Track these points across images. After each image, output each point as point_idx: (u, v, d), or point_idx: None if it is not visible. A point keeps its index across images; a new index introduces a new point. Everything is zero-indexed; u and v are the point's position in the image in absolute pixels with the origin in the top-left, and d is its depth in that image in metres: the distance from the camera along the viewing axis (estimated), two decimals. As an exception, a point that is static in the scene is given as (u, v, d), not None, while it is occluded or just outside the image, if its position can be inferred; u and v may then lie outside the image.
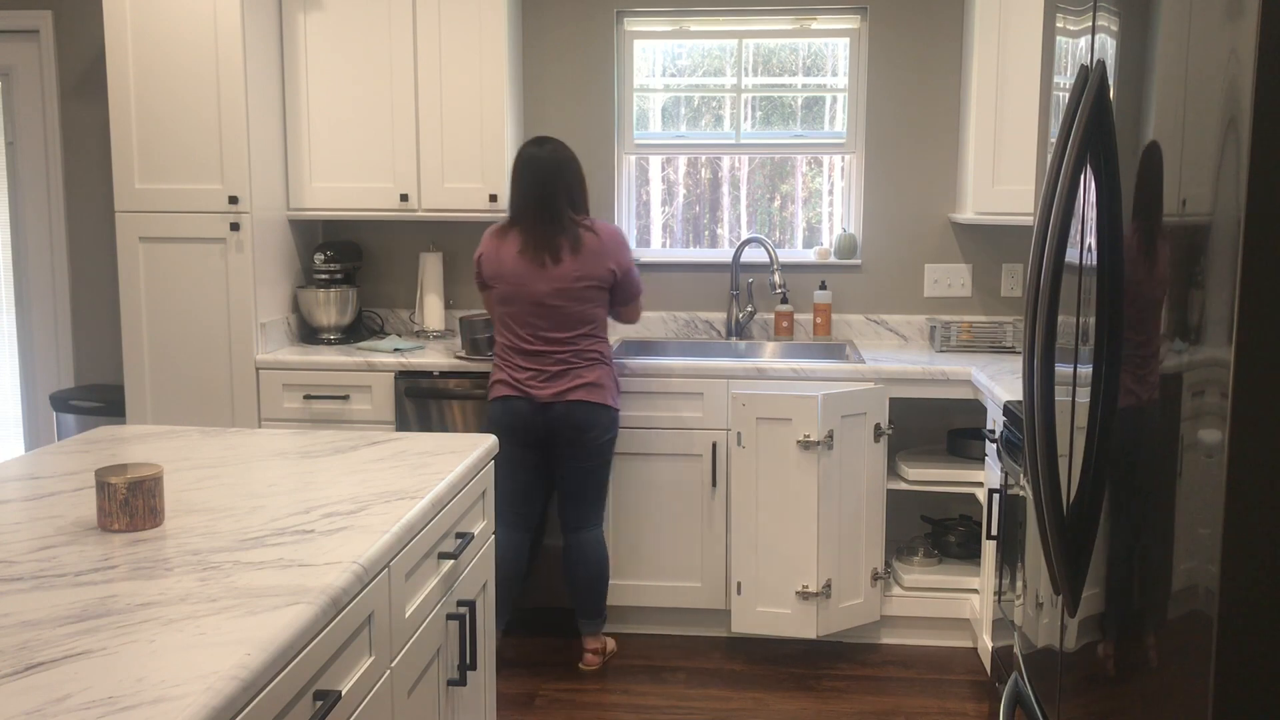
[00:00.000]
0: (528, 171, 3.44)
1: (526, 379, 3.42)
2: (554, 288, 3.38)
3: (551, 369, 3.42)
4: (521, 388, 3.43)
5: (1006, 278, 4.26)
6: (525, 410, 3.43)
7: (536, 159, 3.44)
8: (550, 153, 3.44)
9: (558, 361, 3.42)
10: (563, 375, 3.42)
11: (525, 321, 3.42)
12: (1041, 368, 1.73)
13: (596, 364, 3.46)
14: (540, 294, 3.38)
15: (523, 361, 3.44)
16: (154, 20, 3.80)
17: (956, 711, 3.36)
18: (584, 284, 3.40)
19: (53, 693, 1.22)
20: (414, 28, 4.00)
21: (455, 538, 2.21)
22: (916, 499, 4.23)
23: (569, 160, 3.46)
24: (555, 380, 3.42)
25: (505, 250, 3.43)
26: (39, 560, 1.65)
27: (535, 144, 3.48)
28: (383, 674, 1.78)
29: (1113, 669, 1.59)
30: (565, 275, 3.38)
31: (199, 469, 2.18)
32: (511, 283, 3.41)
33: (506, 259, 3.42)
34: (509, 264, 3.41)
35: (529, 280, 3.39)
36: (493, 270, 3.45)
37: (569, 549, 3.58)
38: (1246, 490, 1.22)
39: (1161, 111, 1.44)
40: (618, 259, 3.45)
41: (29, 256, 4.55)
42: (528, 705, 3.39)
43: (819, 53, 4.38)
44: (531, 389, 3.41)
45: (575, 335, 3.43)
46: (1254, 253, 1.19)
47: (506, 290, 3.42)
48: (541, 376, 3.42)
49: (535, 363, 3.43)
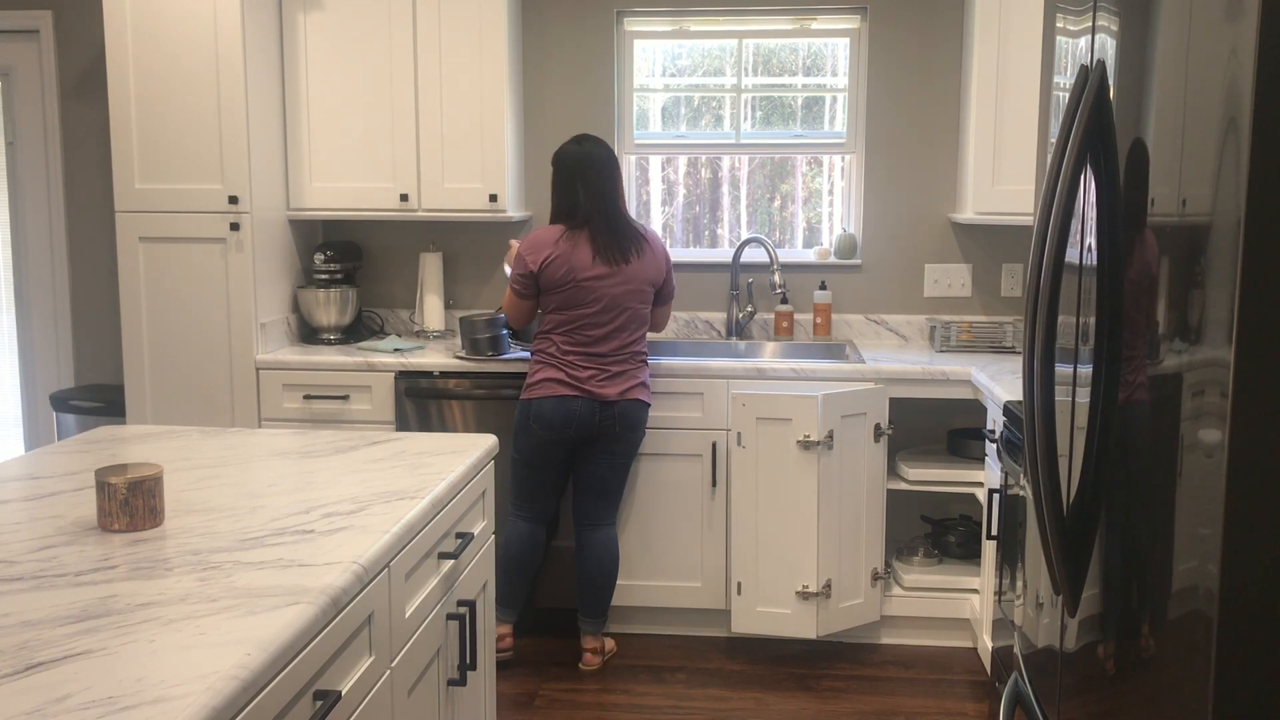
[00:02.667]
0: (588, 171, 3.44)
1: (589, 378, 3.44)
2: (627, 289, 3.43)
3: (615, 369, 3.47)
4: (584, 387, 3.43)
5: (1006, 278, 4.26)
6: (584, 410, 3.44)
7: (593, 158, 3.45)
8: (603, 151, 3.49)
9: (620, 361, 3.48)
10: (623, 375, 3.48)
11: (599, 321, 3.43)
12: (1041, 368, 1.73)
13: (645, 364, 3.57)
14: (617, 295, 3.42)
15: (585, 362, 3.44)
16: (154, 20, 3.80)
17: (956, 711, 3.36)
18: (648, 285, 3.49)
19: (53, 693, 1.22)
20: (414, 28, 4.00)
21: (455, 538, 2.21)
22: (916, 499, 4.23)
23: (616, 159, 3.53)
24: (618, 380, 3.46)
25: (580, 255, 3.41)
26: (39, 560, 1.65)
27: (581, 142, 3.49)
28: (383, 674, 1.78)
29: (1113, 669, 1.59)
30: (636, 276, 3.45)
31: (199, 469, 2.18)
32: (586, 286, 3.40)
33: (583, 261, 3.40)
34: (585, 266, 3.40)
35: (607, 282, 3.41)
36: (563, 274, 3.40)
37: (584, 546, 3.59)
38: (1246, 490, 1.22)
39: (1161, 111, 1.44)
40: (667, 260, 3.58)
41: (29, 256, 4.55)
42: (528, 705, 3.39)
43: (819, 53, 4.38)
44: (595, 388, 3.43)
45: (638, 335, 3.51)
46: (1254, 253, 1.19)
47: (576, 294, 3.41)
48: (603, 376, 3.45)
49: (599, 363, 3.45)
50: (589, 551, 3.57)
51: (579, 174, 3.44)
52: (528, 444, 3.49)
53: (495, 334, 3.82)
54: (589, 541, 3.58)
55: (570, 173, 3.46)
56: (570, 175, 3.46)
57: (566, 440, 3.47)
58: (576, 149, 3.48)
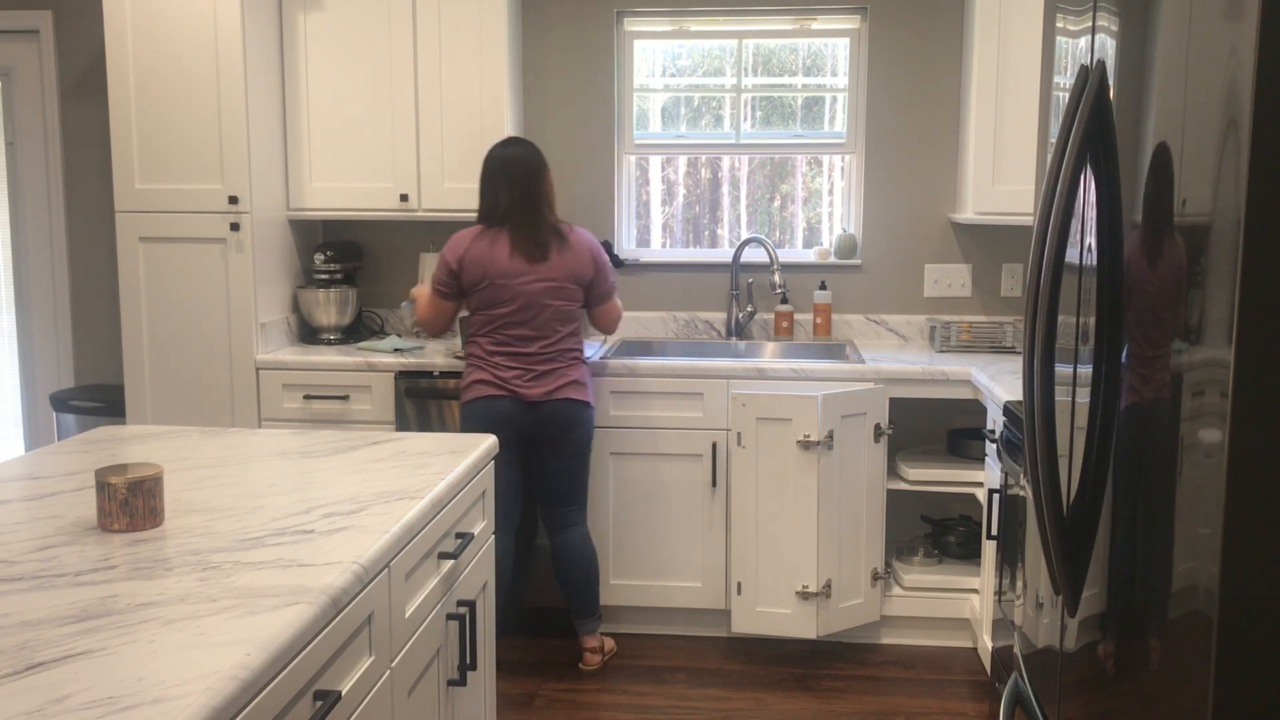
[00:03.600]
0: (511, 171, 3.44)
1: (513, 378, 3.43)
2: (545, 286, 3.40)
3: (539, 368, 3.43)
4: (508, 387, 3.43)
5: (1006, 278, 4.26)
6: (512, 410, 3.43)
7: (518, 159, 3.45)
8: (529, 153, 3.47)
9: (545, 360, 3.44)
10: (550, 374, 3.44)
11: (518, 320, 3.42)
12: (1041, 368, 1.73)
13: (578, 363, 3.51)
14: (535, 293, 3.39)
15: (509, 361, 3.44)
16: (154, 20, 3.80)
17: (956, 711, 3.36)
18: (572, 282, 3.44)
19: (53, 693, 1.22)
20: (414, 28, 4.00)
21: (455, 538, 2.21)
22: (916, 499, 4.23)
23: (544, 163, 3.50)
24: (543, 379, 3.43)
25: (497, 253, 3.41)
26: (39, 560, 1.65)
27: (509, 145, 3.49)
28: (383, 674, 1.78)
29: (1113, 669, 1.59)
30: (556, 273, 3.41)
31: (199, 469, 2.18)
32: (502, 282, 3.40)
33: (499, 259, 3.40)
34: (502, 264, 3.40)
35: (522, 279, 3.39)
36: (481, 273, 3.40)
37: (556, 550, 3.58)
38: (1246, 490, 1.22)
39: (1161, 111, 1.44)
40: (596, 255, 3.50)
41: (29, 256, 4.55)
42: (528, 705, 3.39)
43: (819, 53, 4.38)
44: (519, 388, 3.42)
45: (562, 333, 3.46)
46: (1254, 253, 1.19)
47: (494, 292, 3.41)
48: (529, 375, 3.43)
49: (522, 362, 3.43)
50: (562, 554, 3.57)
51: (501, 174, 3.45)
52: None
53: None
54: (560, 544, 3.58)
55: (494, 173, 3.47)
56: (494, 175, 3.46)
57: (505, 443, 3.47)
58: (502, 151, 3.48)
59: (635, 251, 4.44)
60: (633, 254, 4.41)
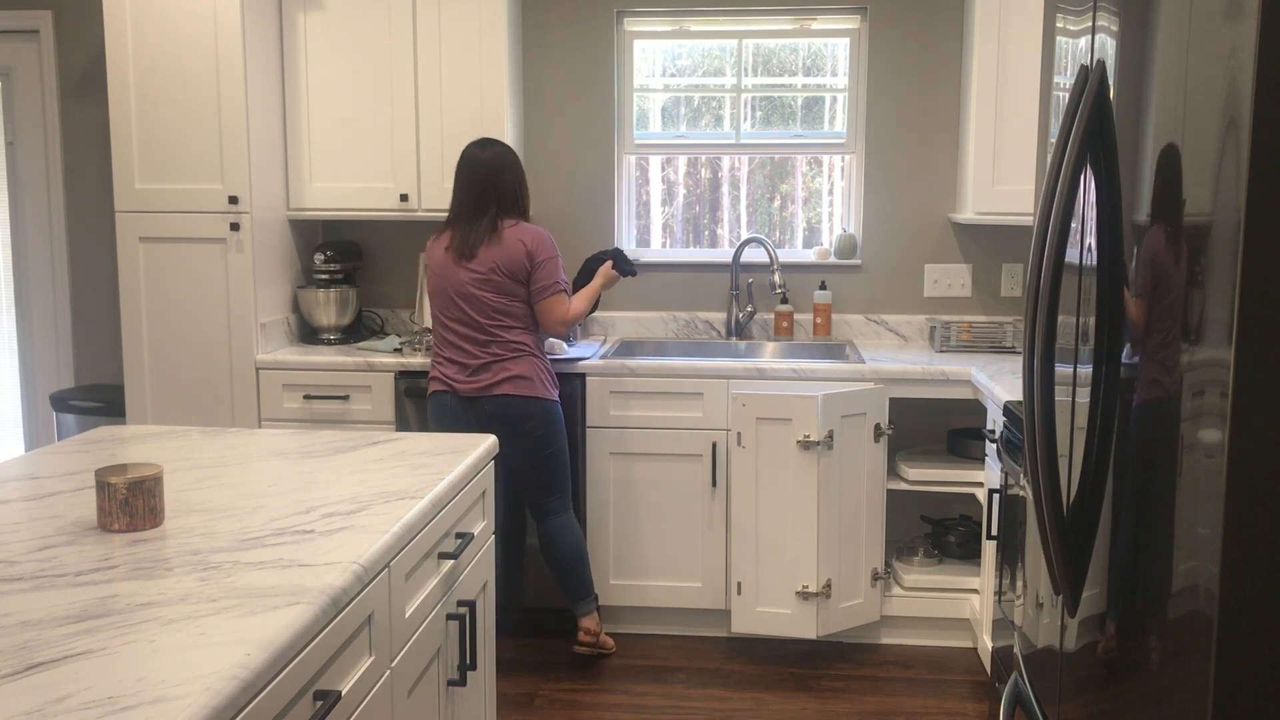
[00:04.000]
0: (465, 173, 3.47)
1: (452, 373, 3.45)
2: (473, 277, 3.41)
3: (474, 363, 3.43)
4: (447, 381, 3.46)
5: (1006, 278, 4.26)
6: (453, 405, 3.45)
7: (476, 161, 3.47)
8: (490, 156, 3.47)
9: (482, 353, 3.43)
10: (487, 369, 3.43)
11: (451, 314, 3.45)
12: (1041, 368, 1.73)
13: (523, 356, 3.45)
14: (461, 283, 3.42)
15: (451, 355, 3.47)
16: (154, 20, 3.80)
17: (956, 711, 3.35)
18: (500, 274, 3.40)
19: (53, 693, 1.22)
20: (414, 28, 4.00)
21: (455, 538, 2.21)
22: (916, 499, 4.23)
23: (508, 165, 3.48)
24: (479, 374, 3.43)
25: (436, 249, 3.49)
26: (39, 560, 1.65)
27: (479, 146, 3.50)
28: (383, 674, 1.78)
29: (1113, 669, 1.59)
30: (482, 265, 3.41)
31: (199, 469, 2.18)
32: (440, 275, 3.45)
33: (436, 255, 3.48)
34: (438, 260, 3.47)
35: (452, 273, 3.43)
36: (430, 271, 3.51)
37: (542, 539, 3.61)
38: (1246, 490, 1.22)
39: (1161, 111, 1.44)
40: (533, 247, 3.41)
41: (29, 256, 4.55)
42: (528, 705, 3.39)
43: (819, 53, 4.38)
44: (456, 383, 3.44)
45: (497, 326, 3.42)
46: (1254, 253, 1.19)
47: (434, 283, 3.48)
48: (466, 370, 3.44)
49: (460, 356, 3.45)
50: (548, 541, 3.59)
51: (457, 175, 3.49)
52: None
53: None
54: (545, 533, 3.60)
55: (456, 174, 3.51)
56: (456, 176, 3.51)
57: None
58: (466, 150, 3.50)
59: (635, 251, 4.44)
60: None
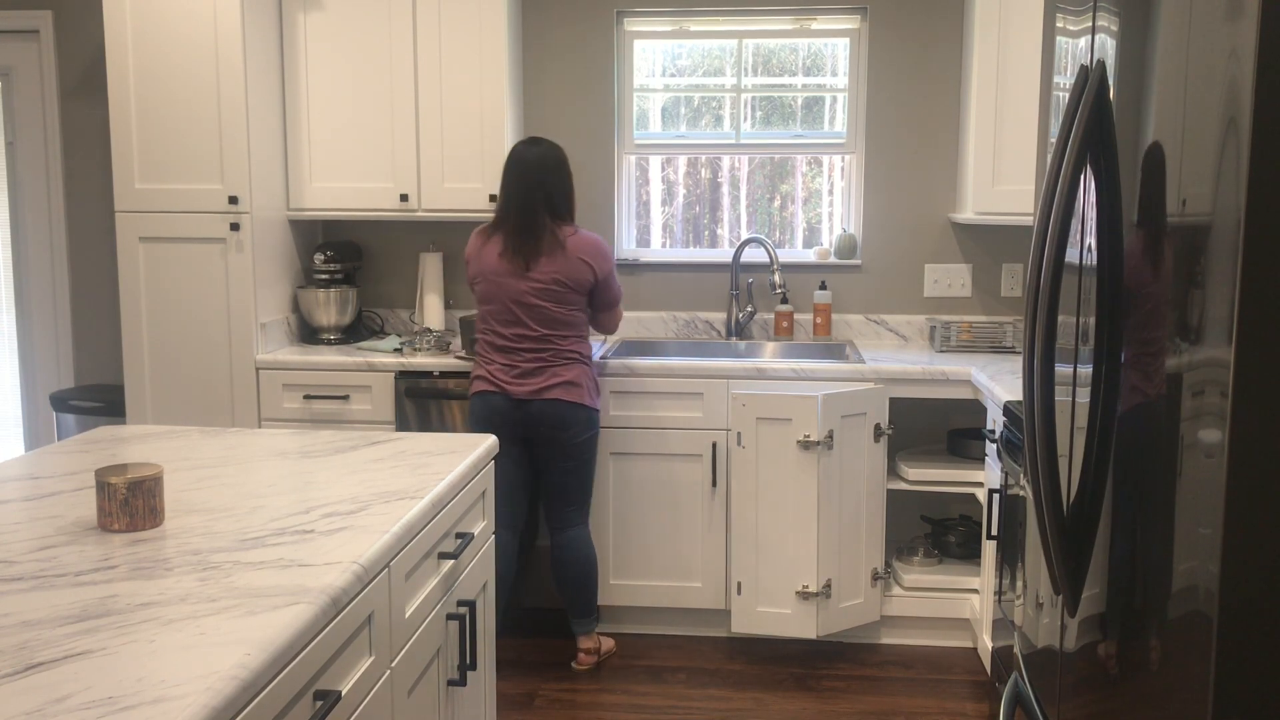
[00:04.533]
0: (514, 173, 3.46)
1: (501, 373, 3.45)
2: (533, 287, 3.40)
3: (527, 365, 3.44)
4: (497, 382, 3.45)
5: (1006, 278, 4.26)
6: (503, 406, 3.45)
7: (525, 160, 3.46)
8: (538, 155, 3.46)
9: (534, 359, 3.44)
10: (539, 372, 3.44)
11: (504, 319, 3.44)
12: (1041, 368, 1.73)
13: (574, 363, 3.48)
14: (519, 292, 3.41)
15: (500, 358, 3.46)
16: (154, 20, 3.80)
17: (956, 711, 3.36)
18: (562, 287, 3.42)
19: (53, 693, 1.22)
20: (414, 28, 4.00)
21: (455, 538, 2.21)
22: (916, 499, 4.23)
23: (556, 164, 3.47)
24: (531, 377, 3.43)
25: (488, 251, 3.46)
26: (39, 560, 1.65)
27: (527, 144, 3.49)
28: (383, 674, 1.78)
29: (1113, 669, 1.59)
30: (544, 276, 3.41)
31: (199, 469, 2.18)
32: (493, 281, 3.44)
33: (489, 260, 3.45)
34: (491, 264, 3.44)
35: (508, 280, 3.42)
36: (475, 271, 3.49)
37: (555, 549, 3.59)
38: (1246, 490, 1.22)
39: (1161, 111, 1.44)
40: (597, 265, 3.47)
41: (29, 256, 4.55)
42: (528, 705, 3.39)
43: (819, 53, 4.38)
44: (506, 384, 3.44)
45: (553, 334, 3.45)
46: (1254, 253, 1.19)
47: (487, 288, 3.46)
48: (515, 372, 3.44)
49: (511, 359, 3.45)
50: (560, 554, 3.58)
51: (506, 175, 3.48)
52: None
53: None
54: (559, 544, 3.58)
55: (504, 174, 3.50)
56: (503, 176, 3.50)
57: (503, 438, 3.49)
58: (515, 150, 3.49)
59: (635, 251, 4.44)
60: (633, 254, 4.41)
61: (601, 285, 3.50)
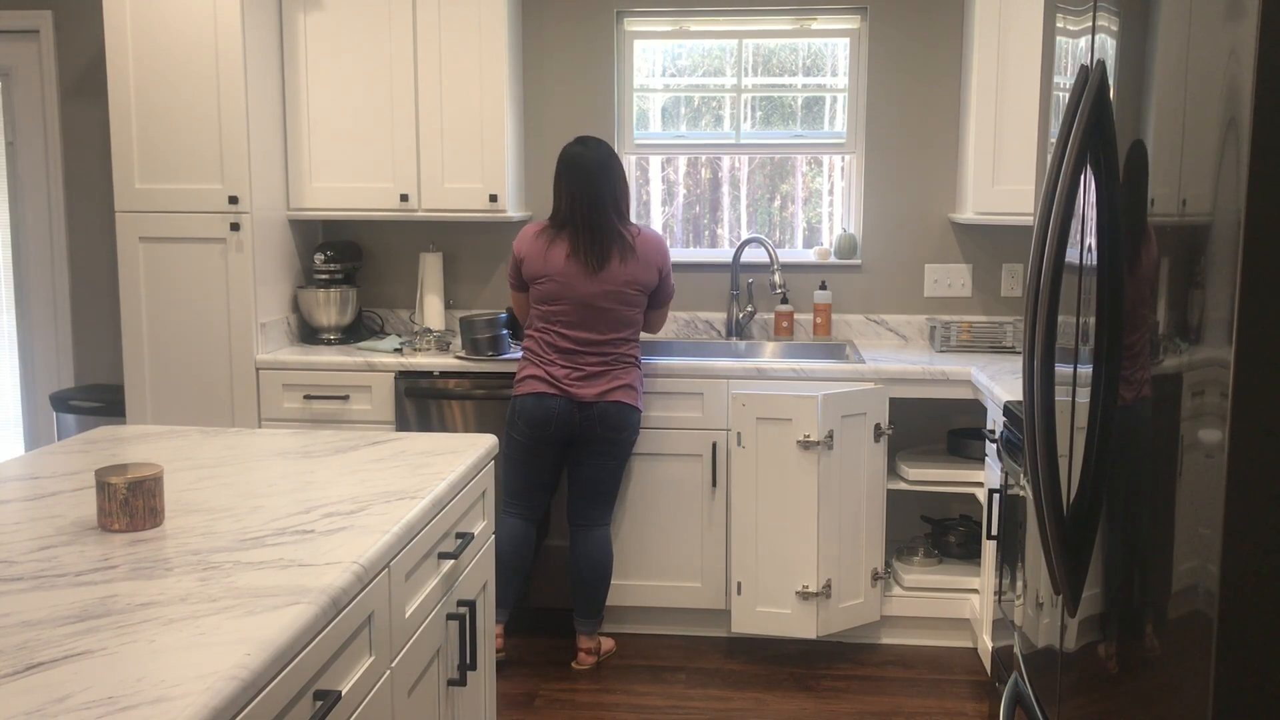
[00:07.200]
0: (575, 172, 3.45)
1: (565, 377, 3.44)
2: (604, 290, 3.42)
3: (591, 369, 3.45)
4: (560, 385, 3.44)
5: (1006, 278, 4.26)
6: (560, 408, 3.44)
7: (585, 160, 3.45)
8: (597, 154, 3.47)
9: (598, 362, 3.46)
10: (602, 376, 3.46)
11: (571, 321, 3.44)
12: (1041, 368, 1.73)
13: (632, 367, 3.53)
14: (590, 295, 3.41)
15: (563, 360, 3.45)
16: (154, 20, 3.80)
17: (956, 711, 3.36)
18: (633, 288, 3.45)
19: (53, 693, 1.22)
20: (414, 28, 4.00)
21: (455, 538, 2.21)
22: (916, 499, 4.23)
23: (614, 162, 3.50)
24: (595, 380, 3.45)
25: (554, 253, 3.44)
26: (39, 560, 1.65)
27: (579, 144, 3.50)
28: (383, 674, 1.78)
29: (1113, 669, 1.59)
30: (615, 279, 3.42)
31: (199, 469, 2.18)
32: (560, 283, 3.42)
33: (556, 260, 3.43)
34: (558, 265, 3.42)
35: (579, 282, 3.41)
36: (538, 270, 3.45)
37: (576, 545, 3.59)
38: (1246, 490, 1.22)
39: (1161, 111, 1.44)
40: (661, 264, 3.53)
41: (29, 256, 4.55)
42: (528, 705, 3.39)
43: (819, 53, 4.38)
44: (571, 387, 3.44)
45: (617, 337, 3.47)
46: (1254, 253, 1.19)
47: (552, 289, 3.43)
48: (579, 375, 3.44)
49: (575, 362, 3.45)
50: (581, 552, 3.58)
51: (565, 175, 3.47)
52: (516, 441, 3.51)
53: (495, 334, 3.83)
54: (581, 542, 3.59)
55: (560, 175, 3.49)
56: (560, 177, 3.49)
57: (550, 439, 3.48)
58: (570, 150, 3.49)
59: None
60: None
61: (663, 282, 3.56)
